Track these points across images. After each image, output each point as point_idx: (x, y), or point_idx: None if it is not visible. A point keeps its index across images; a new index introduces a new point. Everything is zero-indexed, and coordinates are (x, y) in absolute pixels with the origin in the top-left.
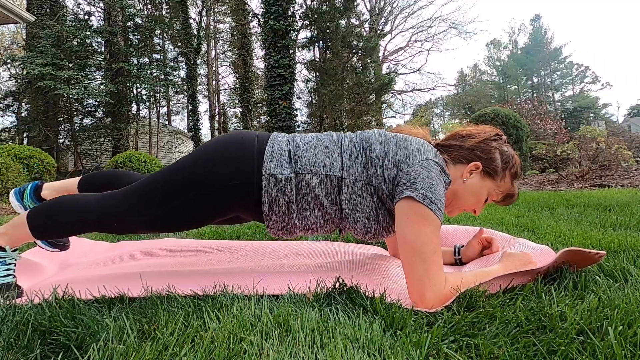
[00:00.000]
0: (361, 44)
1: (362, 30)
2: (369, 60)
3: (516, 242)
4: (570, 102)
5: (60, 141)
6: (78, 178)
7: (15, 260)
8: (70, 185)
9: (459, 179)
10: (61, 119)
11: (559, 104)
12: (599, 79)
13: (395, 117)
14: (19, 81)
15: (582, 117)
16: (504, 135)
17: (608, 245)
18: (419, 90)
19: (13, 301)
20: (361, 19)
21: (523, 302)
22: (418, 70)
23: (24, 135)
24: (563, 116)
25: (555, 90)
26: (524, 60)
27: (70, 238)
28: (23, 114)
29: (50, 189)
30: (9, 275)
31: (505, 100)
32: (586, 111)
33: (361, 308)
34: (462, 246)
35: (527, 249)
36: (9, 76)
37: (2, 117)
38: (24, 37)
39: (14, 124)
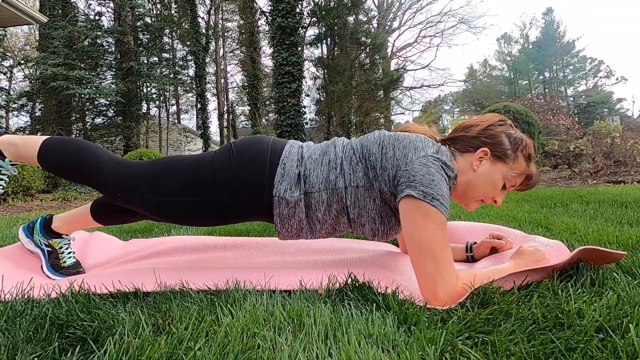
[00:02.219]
0: (369, 40)
1: (370, 26)
2: (377, 57)
3: (530, 239)
4: (583, 97)
5: None
6: (89, 205)
7: (10, 175)
8: (81, 213)
9: (469, 169)
10: (74, 118)
11: (571, 99)
12: (614, 73)
13: (403, 113)
14: (32, 81)
15: (596, 112)
16: (508, 120)
17: (625, 242)
18: (428, 86)
19: (32, 294)
20: (369, 15)
21: (539, 299)
22: (427, 66)
23: (38, 134)
24: (576, 111)
25: (567, 85)
26: (536, 54)
27: (84, 233)
28: (37, 114)
29: (62, 220)
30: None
31: (516, 96)
32: (600, 106)
33: (374, 304)
34: (474, 243)
35: (541, 246)
36: (23, 77)
37: (17, 116)
38: (37, 38)
39: (29, 123)
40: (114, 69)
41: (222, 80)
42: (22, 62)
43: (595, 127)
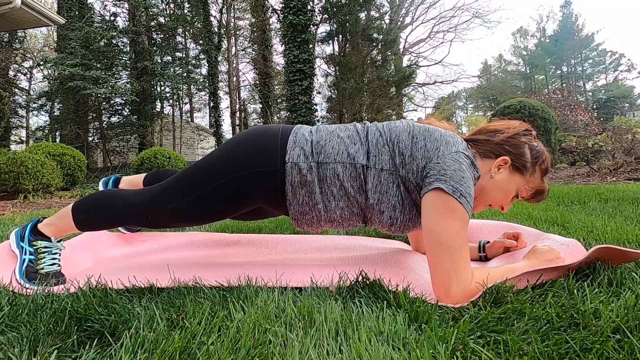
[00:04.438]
0: (381, 36)
1: (382, 22)
2: (389, 53)
3: (545, 238)
4: (603, 91)
5: (90, 139)
6: (143, 175)
7: (60, 250)
8: (137, 179)
9: (487, 173)
10: (90, 117)
11: (590, 94)
12: (635, 67)
13: (416, 110)
14: (51, 82)
15: (616, 108)
16: (533, 131)
17: None
18: (441, 82)
19: (52, 289)
20: (381, 11)
21: (553, 298)
22: (440, 62)
23: (57, 133)
24: (595, 107)
25: (586, 79)
26: (553, 48)
27: (103, 232)
28: (55, 113)
29: (125, 182)
30: (54, 264)
31: (532, 91)
32: (620, 101)
33: (384, 302)
34: (487, 242)
35: (556, 244)
36: (42, 77)
37: (36, 116)
38: (55, 40)
39: (47, 122)
40: (129, 69)
41: (234, 79)
42: (41, 62)
43: (615, 123)
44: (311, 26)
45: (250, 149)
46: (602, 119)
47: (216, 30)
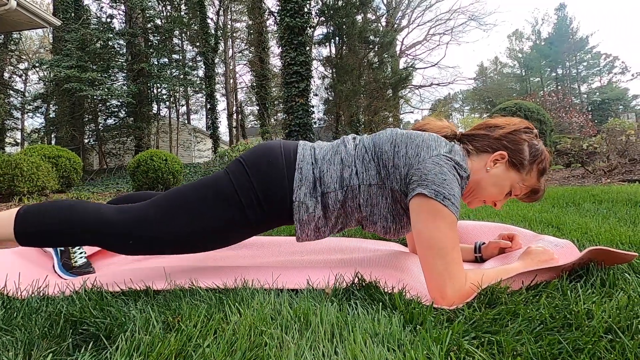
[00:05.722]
0: (378, 39)
1: (379, 25)
2: (386, 55)
3: (539, 239)
4: (597, 93)
5: (86, 141)
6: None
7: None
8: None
9: (483, 168)
10: (86, 119)
11: (585, 96)
12: (629, 69)
13: (412, 112)
14: (47, 84)
15: (611, 110)
16: (535, 129)
17: (639, 242)
18: (437, 84)
19: (47, 292)
20: (378, 14)
21: (547, 299)
22: (436, 64)
23: (52, 135)
24: (590, 109)
25: (581, 81)
26: (548, 51)
27: None
28: (51, 115)
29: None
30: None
31: (527, 93)
32: (615, 103)
33: (380, 303)
34: (483, 243)
35: (550, 245)
36: (37, 79)
37: (32, 118)
38: (51, 41)
39: (43, 124)
40: (125, 71)
41: (231, 81)
42: (37, 64)
43: (610, 125)
44: (308, 28)
45: (261, 192)
46: (596, 121)
47: (213, 32)
